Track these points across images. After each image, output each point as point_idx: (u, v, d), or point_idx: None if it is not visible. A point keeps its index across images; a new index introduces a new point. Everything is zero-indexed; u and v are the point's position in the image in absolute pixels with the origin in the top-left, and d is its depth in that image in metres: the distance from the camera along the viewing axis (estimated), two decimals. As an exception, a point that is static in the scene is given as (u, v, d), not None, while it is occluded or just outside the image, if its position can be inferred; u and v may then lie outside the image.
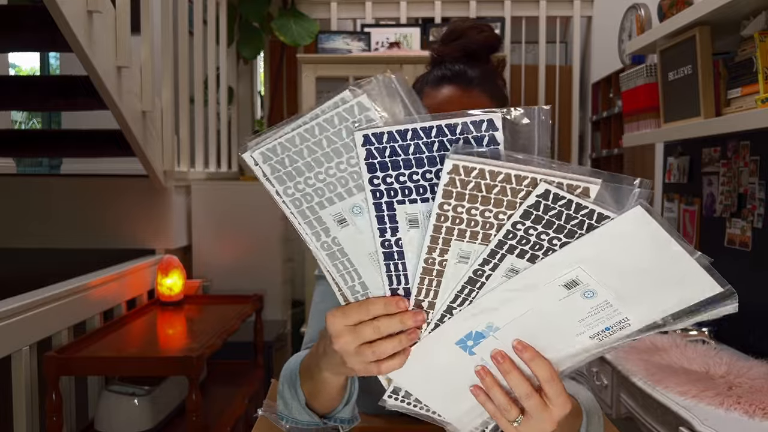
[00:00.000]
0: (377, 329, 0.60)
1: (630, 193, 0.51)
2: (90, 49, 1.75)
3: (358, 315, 0.60)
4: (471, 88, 0.87)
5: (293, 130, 0.55)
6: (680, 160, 2.25)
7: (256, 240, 2.74)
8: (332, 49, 3.11)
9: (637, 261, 0.53)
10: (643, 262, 0.53)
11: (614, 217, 0.51)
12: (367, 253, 0.59)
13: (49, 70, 4.99)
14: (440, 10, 3.46)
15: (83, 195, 2.44)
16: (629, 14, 2.71)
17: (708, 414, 1.31)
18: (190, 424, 1.59)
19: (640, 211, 0.51)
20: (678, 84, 1.83)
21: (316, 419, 0.81)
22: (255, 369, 2.35)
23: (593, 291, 0.55)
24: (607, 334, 0.58)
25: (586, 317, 0.57)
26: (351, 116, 0.53)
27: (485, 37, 0.91)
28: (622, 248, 0.53)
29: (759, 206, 1.75)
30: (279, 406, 0.85)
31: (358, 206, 0.57)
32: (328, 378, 0.72)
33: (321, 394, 0.77)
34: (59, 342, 1.77)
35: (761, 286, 1.74)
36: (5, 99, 2.27)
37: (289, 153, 0.56)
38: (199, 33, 2.83)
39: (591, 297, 0.55)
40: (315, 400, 0.79)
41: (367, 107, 0.53)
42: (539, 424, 0.60)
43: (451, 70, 0.89)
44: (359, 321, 0.60)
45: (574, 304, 0.56)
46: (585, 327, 0.58)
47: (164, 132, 2.35)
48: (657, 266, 0.53)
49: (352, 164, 0.55)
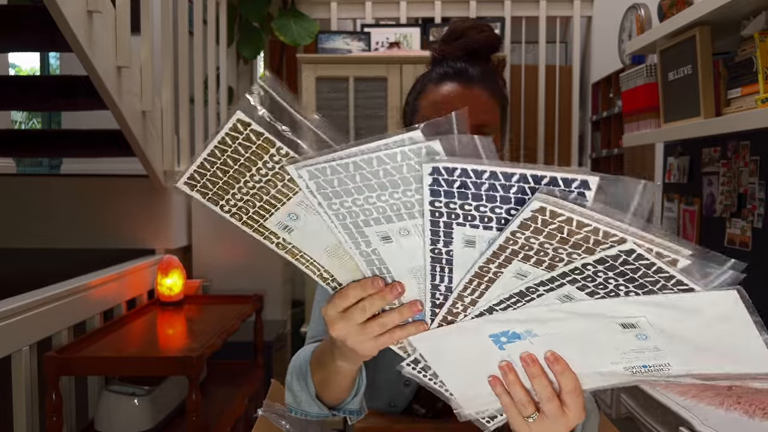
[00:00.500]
0: (363, 309, 0.63)
1: (719, 272, 0.49)
2: (90, 49, 1.75)
3: (342, 302, 0.63)
4: (472, 85, 0.88)
5: (349, 158, 0.53)
6: (680, 160, 2.25)
7: (256, 240, 2.72)
8: (332, 49, 3.11)
9: (709, 337, 0.51)
10: (714, 340, 0.51)
11: (698, 289, 0.49)
12: (408, 267, 0.60)
13: (49, 70, 4.99)
14: (440, 10, 3.46)
15: (83, 195, 2.44)
16: (629, 14, 2.71)
17: (708, 414, 1.31)
18: (190, 424, 1.59)
19: (734, 296, 0.49)
20: (678, 84, 1.83)
21: (326, 411, 0.83)
22: (255, 369, 2.35)
23: (647, 336, 0.54)
24: (643, 371, 0.57)
25: (628, 352, 0.56)
26: (416, 156, 0.51)
27: (486, 37, 0.92)
28: (699, 322, 0.51)
29: (759, 206, 1.75)
30: (287, 399, 0.86)
31: (406, 229, 0.56)
32: (342, 367, 0.74)
33: (332, 384, 0.79)
34: (59, 342, 1.76)
35: (761, 286, 1.74)
36: (5, 99, 2.27)
37: (340, 176, 0.54)
38: (199, 33, 2.83)
39: (643, 340, 0.54)
40: (325, 391, 0.81)
41: (437, 152, 0.50)
42: (553, 426, 0.62)
43: (453, 67, 0.90)
44: (345, 307, 0.63)
45: (624, 340, 0.55)
46: (624, 359, 0.57)
47: (164, 132, 2.35)
48: (728, 346, 0.51)
49: (408, 196, 0.53)
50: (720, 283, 0.49)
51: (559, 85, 3.52)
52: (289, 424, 0.91)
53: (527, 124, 3.54)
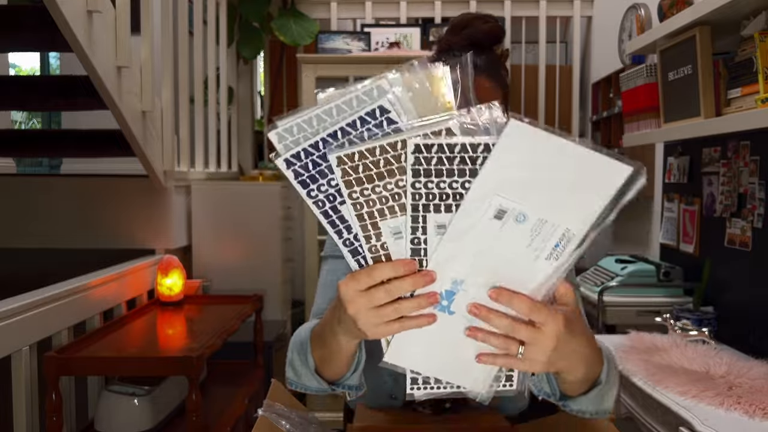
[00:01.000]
0: (389, 292, 0.63)
1: (497, 119, 0.57)
2: (90, 49, 1.75)
3: (366, 280, 0.63)
4: (476, 75, 0.91)
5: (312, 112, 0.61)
6: (680, 160, 2.25)
7: (256, 240, 2.74)
8: (332, 49, 3.11)
9: (540, 170, 0.58)
10: (545, 168, 0.57)
11: (495, 141, 0.57)
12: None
13: (49, 70, 4.99)
14: (440, 10, 3.46)
15: (83, 195, 2.44)
16: (629, 14, 2.71)
17: (708, 414, 1.31)
18: (190, 424, 1.59)
19: (514, 124, 0.56)
20: (678, 84, 1.83)
21: (325, 386, 0.85)
22: (255, 369, 2.35)
23: (523, 214, 0.59)
24: (559, 251, 0.61)
25: (531, 241, 0.60)
26: (368, 97, 0.58)
27: (490, 28, 0.97)
28: (520, 163, 0.57)
29: (759, 206, 1.75)
30: (288, 374, 0.89)
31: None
32: (343, 342, 0.74)
33: (332, 360, 0.80)
34: (59, 342, 1.76)
35: (761, 286, 1.74)
36: (5, 99, 2.27)
37: (306, 133, 0.61)
38: (199, 33, 2.83)
39: (524, 221, 0.59)
40: (325, 366, 0.83)
41: (386, 90, 0.58)
42: (541, 345, 0.63)
43: (457, 57, 0.93)
44: (368, 286, 0.63)
45: (513, 233, 0.60)
46: (536, 251, 0.61)
47: (164, 132, 2.35)
48: (560, 168, 0.57)
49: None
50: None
51: (559, 85, 3.51)
52: (289, 424, 0.91)
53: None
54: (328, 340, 0.77)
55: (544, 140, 0.56)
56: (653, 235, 2.57)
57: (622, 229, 2.96)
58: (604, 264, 2.42)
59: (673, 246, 2.29)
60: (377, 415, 1.03)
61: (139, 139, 2.10)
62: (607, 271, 2.33)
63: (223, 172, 3.19)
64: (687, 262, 2.18)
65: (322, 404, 2.98)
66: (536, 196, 0.58)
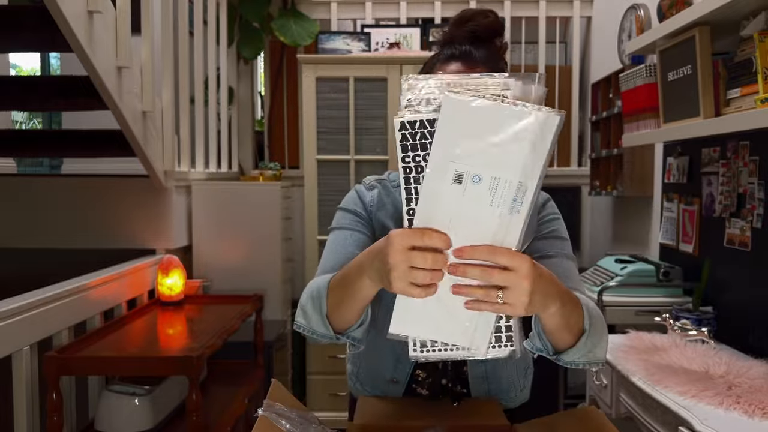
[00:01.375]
0: (425, 260, 0.69)
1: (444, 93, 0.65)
2: (90, 49, 1.76)
3: (418, 242, 0.69)
4: (476, 66, 0.98)
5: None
6: (680, 160, 2.26)
7: (256, 240, 2.74)
8: (332, 49, 3.12)
9: (478, 133, 0.65)
10: (481, 131, 0.65)
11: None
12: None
13: (50, 70, 4.99)
14: (440, 10, 3.46)
15: (84, 195, 2.44)
16: (629, 14, 2.71)
17: (707, 414, 1.32)
18: (190, 424, 1.59)
19: (446, 98, 0.64)
20: (677, 84, 1.83)
21: (331, 333, 0.91)
22: (255, 369, 2.35)
23: (477, 175, 0.66)
24: (518, 204, 0.67)
25: (492, 199, 0.66)
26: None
27: (490, 22, 1.02)
28: (461, 131, 0.65)
29: (758, 206, 1.76)
30: (298, 319, 0.95)
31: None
32: (366, 285, 0.81)
33: (347, 303, 0.86)
34: (59, 342, 1.77)
35: (760, 286, 1.75)
36: (6, 99, 2.27)
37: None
38: (200, 33, 2.84)
39: (479, 181, 0.66)
40: (336, 312, 0.89)
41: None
42: (518, 287, 0.69)
43: (459, 50, 1.01)
44: (413, 246, 0.69)
45: (475, 194, 0.66)
46: (499, 207, 0.67)
47: (164, 132, 2.36)
48: (491, 128, 0.64)
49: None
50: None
51: (558, 86, 3.52)
52: (289, 424, 0.91)
53: (527, 124, 3.54)
54: (353, 280, 0.83)
55: (474, 106, 0.64)
56: (653, 235, 2.58)
57: (621, 229, 2.97)
58: (604, 264, 2.42)
59: (673, 246, 2.29)
60: (377, 408, 1.04)
61: (139, 140, 2.11)
62: (607, 271, 2.33)
63: (223, 173, 3.19)
64: (686, 262, 2.18)
65: (323, 404, 2.98)
66: (482, 157, 0.65)
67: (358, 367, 1.17)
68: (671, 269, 2.16)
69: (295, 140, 3.62)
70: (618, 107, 2.64)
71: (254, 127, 3.76)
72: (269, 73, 3.64)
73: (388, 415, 1.01)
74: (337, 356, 2.95)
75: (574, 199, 3.43)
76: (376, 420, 1.00)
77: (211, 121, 3.03)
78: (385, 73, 2.91)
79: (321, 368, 2.98)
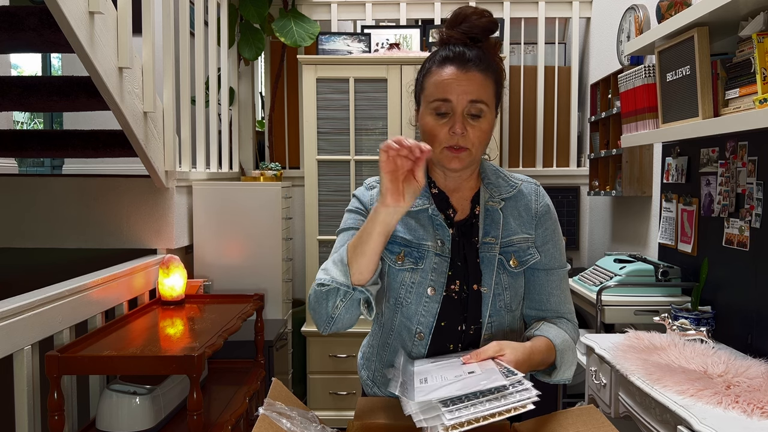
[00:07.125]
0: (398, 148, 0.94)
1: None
2: (91, 50, 1.76)
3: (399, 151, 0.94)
4: (469, 67, 1.05)
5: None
6: (678, 161, 2.26)
7: (257, 240, 2.75)
8: (333, 50, 3.12)
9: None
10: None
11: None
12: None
13: (51, 71, 5.00)
14: (440, 11, 3.47)
15: (85, 195, 2.45)
16: (628, 15, 2.72)
17: (706, 413, 1.32)
18: (191, 423, 1.60)
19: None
20: (676, 85, 1.84)
21: (349, 281, 1.01)
22: (256, 368, 2.36)
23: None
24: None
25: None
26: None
27: (485, 23, 1.08)
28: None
29: (757, 206, 1.76)
30: (319, 276, 1.05)
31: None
32: (378, 233, 1.00)
33: (363, 255, 1.01)
34: (61, 341, 1.77)
35: (759, 285, 1.75)
36: (7, 100, 2.28)
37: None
38: (200, 34, 2.84)
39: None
40: (354, 265, 1.02)
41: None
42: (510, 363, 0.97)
43: (453, 51, 1.07)
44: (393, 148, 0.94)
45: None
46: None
47: (165, 132, 2.36)
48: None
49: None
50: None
51: (557, 86, 3.52)
52: (290, 423, 0.92)
53: (526, 124, 3.54)
54: (369, 232, 1.00)
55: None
56: (651, 235, 2.58)
57: (620, 229, 2.97)
58: (603, 264, 2.43)
59: (672, 246, 2.30)
60: (377, 408, 1.04)
61: (140, 140, 2.11)
62: (606, 271, 2.34)
63: (224, 173, 3.20)
64: (685, 262, 2.19)
65: (323, 403, 2.99)
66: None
67: (371, 354, 1.25)
68: (670, 269, 2.17)
69: (296, 140, 3.63)
70: (617, 108, 2.64)
71: (255, 128, 3.76)
72: (270, 73, 3.64)
73: (388, 414, 1.01)
74: (338, 356, 2.96)
75: (573, 199, 3.44)
76: (376, 420, 1.00)
77: (212, 121, 3.04)
78: (385, 73, 2.91)
79: (322, 367, 2.99)
